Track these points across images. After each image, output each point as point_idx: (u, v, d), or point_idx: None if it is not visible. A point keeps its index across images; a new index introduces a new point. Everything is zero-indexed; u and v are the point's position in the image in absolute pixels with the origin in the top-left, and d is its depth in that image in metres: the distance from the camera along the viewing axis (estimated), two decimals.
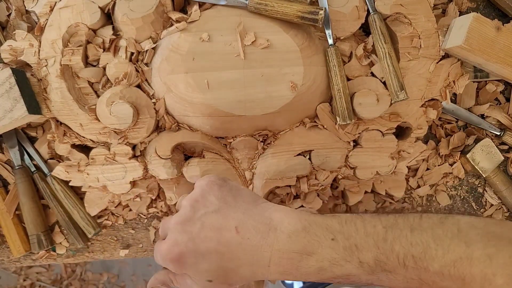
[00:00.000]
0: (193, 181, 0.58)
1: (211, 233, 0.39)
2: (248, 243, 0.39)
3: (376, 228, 0.37)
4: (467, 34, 0.52)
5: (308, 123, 0.60)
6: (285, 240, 0.38)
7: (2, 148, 0.63)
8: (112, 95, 0.55)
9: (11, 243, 0.63)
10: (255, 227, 0.39)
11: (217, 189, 0.43)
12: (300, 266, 0.37)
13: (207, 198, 0.42)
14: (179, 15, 0.55)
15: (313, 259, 0.37)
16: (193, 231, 0.40)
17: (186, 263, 0.39)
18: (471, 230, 0.35)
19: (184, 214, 0.41)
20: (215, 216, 0.40)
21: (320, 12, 0.52)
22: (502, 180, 0.67)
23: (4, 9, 0.59)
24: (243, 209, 0.41)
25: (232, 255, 0.39)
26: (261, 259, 0.38)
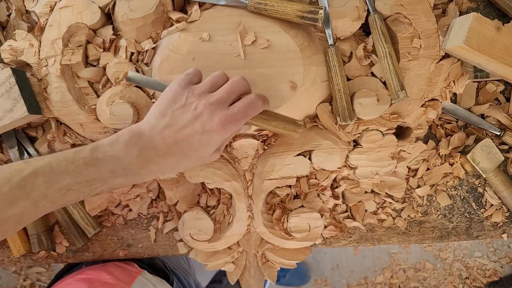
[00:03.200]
0: (194, 181, 0.59)
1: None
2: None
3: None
4: (467, 34, 0.52)
5: (308, 123, 0.60)
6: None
7: (2, 148, 0.63)
8: (112, 95, 0.55)
9: (11, 243, 0.63)
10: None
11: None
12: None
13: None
14: (179, 15, 0.55)
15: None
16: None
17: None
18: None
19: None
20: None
21: (320, 12, 0.52)
22: (502, 180, 0.67)
23: (4, 9, 0.59)
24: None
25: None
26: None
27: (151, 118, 0.46)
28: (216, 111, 0.45)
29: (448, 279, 1.83)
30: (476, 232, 0.71)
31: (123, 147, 0.44)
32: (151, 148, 0.44)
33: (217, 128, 0.45)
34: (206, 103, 0.45)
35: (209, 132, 0.45)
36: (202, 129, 0.45)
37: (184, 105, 0.46)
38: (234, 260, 0.65)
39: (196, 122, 0.45)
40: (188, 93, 0.46)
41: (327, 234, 0.67)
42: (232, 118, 0.45)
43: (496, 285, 1.79)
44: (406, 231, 0.70)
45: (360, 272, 1.81)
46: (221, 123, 0.45)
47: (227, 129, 0.45)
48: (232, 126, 0.46)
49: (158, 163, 0.45)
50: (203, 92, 0.46)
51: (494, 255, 1.83)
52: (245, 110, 0.46)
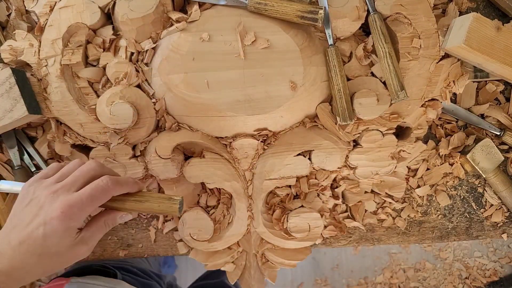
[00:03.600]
0: (194, 181, 0.58)
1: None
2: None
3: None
4: (467, 34, 0.52)
5: (308, 123, 0.60)
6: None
7: (2, 148, 0.63)
8: (112, 95, 0.55)
9: None
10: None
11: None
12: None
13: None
14: (179, 15, 0.55)
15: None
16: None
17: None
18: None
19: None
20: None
21: (320, 12, 0.52)
22: (502, 180, 0.67)
23: (4, 9, 0.59)
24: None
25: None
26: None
27: (5, 224, 0.44)
28: (58, 198, 0.42)
29: (448, 279, 1.83)
30: (476, 232, 0.71)
31: None
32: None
33: (58, 215, 0.41)
34: (48, 192, 0.42)
35: (51, 221, 0.41)
36: (44, 220, 0.41)
37: (31, 201, 0.43)
38: (234, 260, 0.65)
39: (39, 215, 0.42)
40: (36, 188, 0.44)
41: (327, 234, 0.67)
42: (74, 203, 0.42)
43: (496, 285, 1.79)
44: (406, 231, 0.70)
45: (360, 272, 1.81)
46: (62, 209, 0.41)
47: (70, 215, 0.41)
48: (76, 211, 0.42)
49: (5, 271, 0.40)
50: (50, 183, 0.44)
51: (494, 255, 1.83)
52: (91, 193, 0.43)
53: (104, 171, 0.46)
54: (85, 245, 0.44)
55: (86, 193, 0.43)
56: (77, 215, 0.42)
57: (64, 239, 0.42)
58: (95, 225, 0.46)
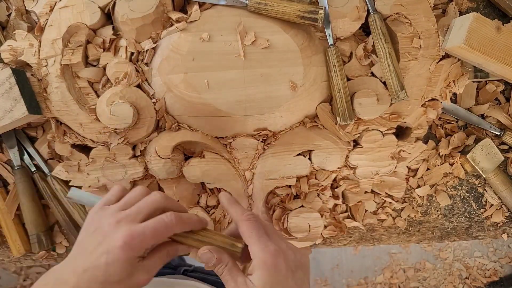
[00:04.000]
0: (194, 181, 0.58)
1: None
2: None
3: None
4: (467, 34, 0.52)
5: (308, 123, 0.60)
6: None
7: (2, 148, 0.63)
8: (112, 95, 0.55)
9: (11, 243, 0.63)
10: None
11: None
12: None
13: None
14: (179, 15, 0.55)
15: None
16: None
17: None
18: None
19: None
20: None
21: (320, 11, 0.52)
22: (502, 180, 0.67)
23: (4, 9, 0.59)
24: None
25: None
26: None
27: (71, 251, 0.45)
28: (122, 228, 0.42)
29: (448, 279, 1.83)
30: (476, 232, 0.71)
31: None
32: (61, 284, 0.41)
33: (120, 245, 0.41)
34: (112, 221, 0.43)
35: (113, 250, 0.41)
36: (107, 249, 0.41)
37: (95, 230, 0.43)
38: None
39: (103, 244, 0.42)
40: (100, 216, 0.44)
41: (327, 234, 0.67)
42: (137, 235, 0.42)
43: (496, 285, 1.79)
44: (406, 231, 0.70)
45: (360, 272, 1.81)
46: (124, 239, 0.41)
47: (132, 246, 0.41)
48: (138, 243, 0.42)
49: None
50: (114, 211, 0.44)
51: (494, 255, 1.83)
52: (154, 227, 0.43)
53: (168, 205, 0.46)
54: (146, 274, 0.44)
55: (150, 227, 0.43)
56: (138, 247, 0.42)
57: (125, 268, 0.42)
58: (157, 255, 0.46)
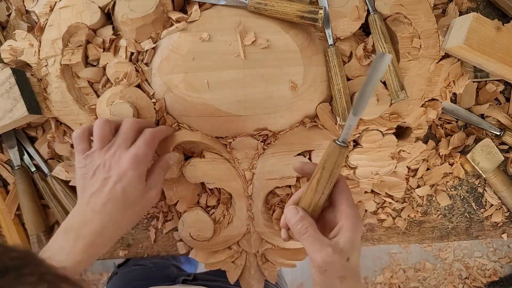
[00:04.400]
0: (194, 181, 0.59)
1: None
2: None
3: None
4: (467, 34, 0.52)
5: (308, 123, 0.60)
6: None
7: (2, 148, 0.63)
8: (112, 95, 0.55)
9: (11, 243, 0.63)
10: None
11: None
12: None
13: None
14: (179, 15, 0.55)
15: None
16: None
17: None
18: None
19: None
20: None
21: (320, 11, 0.52)
22: (502, 180, 0.67)
23: (4, 9, 0.59)
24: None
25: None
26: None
27: (78, 199, 0.50)
28: (121, 156, 0.48)
29: (448, 279, 1.83)
30: (476, 232, 0.71)
31: (62, 237, 0.46)
32: (85, 225, 0.46)
33: (129, 166, 0.47)
34: (108, 156, 0.48)
35: (125, 174, 0.47)
36: (118, 177, 0.47)
37: (94, 172, 0.49)
38: (234, 260, 0.65)
39: (110, 176, 0.48)
40: (92, 159, 0.49)
41: None
42: (137, 152, 0.48)
43: (496, 285, 1.79)
44: (406, 231, 0.70)
45: (360, 272, 1.82)
46: (130, 160, 0.48)
47: (138, 162, 0.48)
48: (142, 158, 0.49)
49: (99, 233, 0.46)
50: (98, 151, 0.49)
51: (494, 255, 1.84)
52: (144, 142, 0.50)
53: (141, 123, 0.53)
54: (154, 189, 0.51)
55: (142, 144, 0.49)
56: (143, 161, 0.49)
57: (138, 187, 0.48)
58: (154, 172, 0.52)
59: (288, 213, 0.47)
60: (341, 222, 0.45)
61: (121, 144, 0.49)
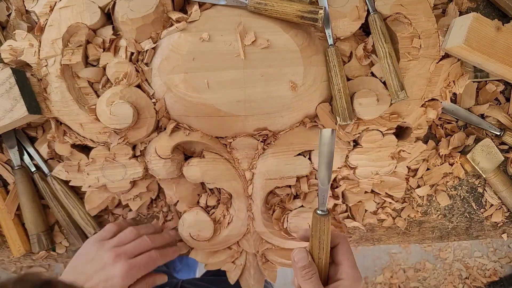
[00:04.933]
0: (194, 181, 0.59)
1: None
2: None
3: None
4: (467, 34, 0.52)
5: (308, 123, 0.60)
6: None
7: (2, 148, 0.63)
8: (112, 95, 0.55)
9: (11, 243, 0.63)
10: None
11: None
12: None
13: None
14: (179, 15, 0.55)
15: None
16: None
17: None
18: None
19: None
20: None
21: (320, 12, 0.52)
22: (502, 180, 0.67)
23: (4, 9, 0.59)
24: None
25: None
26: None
27: (64, 273, 0.52)
28: (120, 261, 0.52)
29: (448, 279, 1.83)
30: (476, 232, 0.71)
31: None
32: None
33: (120, 274, 0.51)
34: (112, 255, 0.52)
35: (113, 278, 0.50)
36: (106, 276, 0.50)
37: (93, 259, 0.52)
38: (234, 260, 0.65)
39: (102, 272, 0.51)
40: (98, 247, 0.53)
41: None
42: (134, 267, 0.52)
43: (496, 285, 1.79)
44: (406, 231, 0.70)
45: (360, 272, 1.81)
46: (123, 269, 0.51)
47: (130, 276, 0.52)
48: (134, 273, 0.52)
49: None
50: (112, 246, 0.53)
51: (494, 255, 1.83)
52: (146, 261, 0.54)
53: (154, 246, 0.57)
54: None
55: (143, 262, 0.53)
56: (134, 277, 0.52)
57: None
58: (139, 286, 0.55)
59: (298, 254, 0.48)
60: (342, 279, 0.47)
61: (128, 252, 0.53)
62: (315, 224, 0.48)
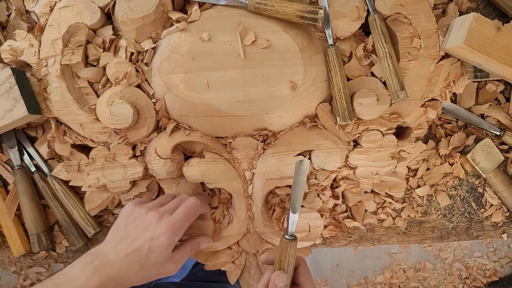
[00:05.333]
0: (194, 181, 0.59)
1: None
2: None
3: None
4: (467, 34, 0.52)
5: (308, 123, 0.60)
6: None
7: (2, 148, 0.63)
8: (112, 95, 0.55)
9: (11, 243, 0.63)
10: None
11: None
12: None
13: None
14: (179, 15, 0.55)
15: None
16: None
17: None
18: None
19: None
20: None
21: (320, 12, 0.52)
22: (502, 180, 0.67)
23: (4, 9, 0.59)
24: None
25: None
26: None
27: (109, 237, 0.53)
28: (163, 218, 0.52)
29: (448, 279, 1.83)
30: (476, 232, 0.71)
31: (80, 268, 0.49)
32: (105, 264, 0.49)
33: (165, 232, 0.50)
34: (154, 214, 0.52)
35: (157, 237, 0.50)
36: (150, 236, 0.50)
37: (135, 219, 0.52)
38: (234, 260, 0.65)
39: (146, 232, 0.51)
40: (140, 209, 0.53)
41: (327, 234, 0.67)
42: (176, 222, 0.51)
43: (496, 285, 1.79)
44: (406, 231, 0.70)
45: (360, 272, 1.81)
46: (168, 226, 0.51)
47: (174, 232, 0.51)
48: (178, 228, 0.51)
49: (113, 277, 0.49)
50: (152, 207, 0.54)
51: (494, 255, 1.83)
52: (186, 212, 0.53)
53: (197, 206, 0.55)
54: (174, 264, 0.53)
55: (183, 213, 0.53)
56: (179, 232, 0.52)
57: (163, 254, 0.51)
58: (183, 249, 0.55)
59: (281, 278, 0.51)
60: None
61: (170, 210, 0.53)
62: (284, 248, 0.51)
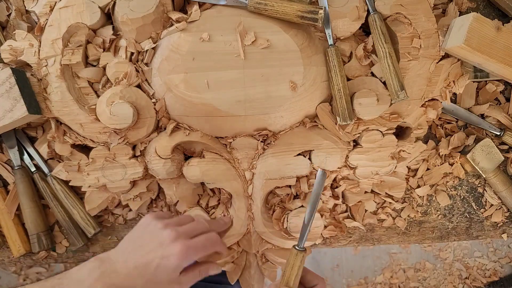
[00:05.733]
0: (194, 181, 0.59)
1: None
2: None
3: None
4: (467, 34, 0.52)
5: (308, 123, 0.60)
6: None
7: (2, 148, 0.63)
8: (112, 95, 0.55)
9: (11, 243, 0.63)
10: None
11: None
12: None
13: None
14: (179, 15, 0.55)
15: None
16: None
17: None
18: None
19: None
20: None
21: (320, 12, 0.52)
22: (502, 180, 0.67)
23: (4, 9, 0.59)
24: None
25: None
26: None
27: (121, 244, 0.52)
28: (179, 239, 0.50)
29: (448, 279, 1.83)
30: (476, 232, 0.71)
31: (87, 271, 0.48)
32: (112, 272, 0.48)
33: (177, 253, 0.49)
34: (171, 233, 0.50)
35: (168, 257, 0.49)
36: (162, 253, 0.49)
37: (151, 233, 0.51)
38: (234, 260, 0.65)
39: (159, 248, 0.50)
40: (157, 223, 0.52)
41: (327, 234, 0.67)
42: (191, 247, 0.50)
43: (496, 285, 1.79)
44: (406, 231, 0.70)
45: (360, 272, 1.81)
46: (181, 249, 0.49)
47: (186, 256, 0.50)
48: (191, 254, 0.50)
49: (118, 286, 0.48)
50: (170, 224, 0.52)
51: (494, 255, 1.83)
52: (204, 243, 0.52)
53: (209, 230, 0.55)
54: (179, 286, 0.52)
55: (201, 242, 0.52)
56: (190, 258, 0.51)
57: (170, 275, 0.50)
58: (191, 272, 0.54)
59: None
60: None
61: (188, 232, 0.52)
62: (295, 259, 0.52)
